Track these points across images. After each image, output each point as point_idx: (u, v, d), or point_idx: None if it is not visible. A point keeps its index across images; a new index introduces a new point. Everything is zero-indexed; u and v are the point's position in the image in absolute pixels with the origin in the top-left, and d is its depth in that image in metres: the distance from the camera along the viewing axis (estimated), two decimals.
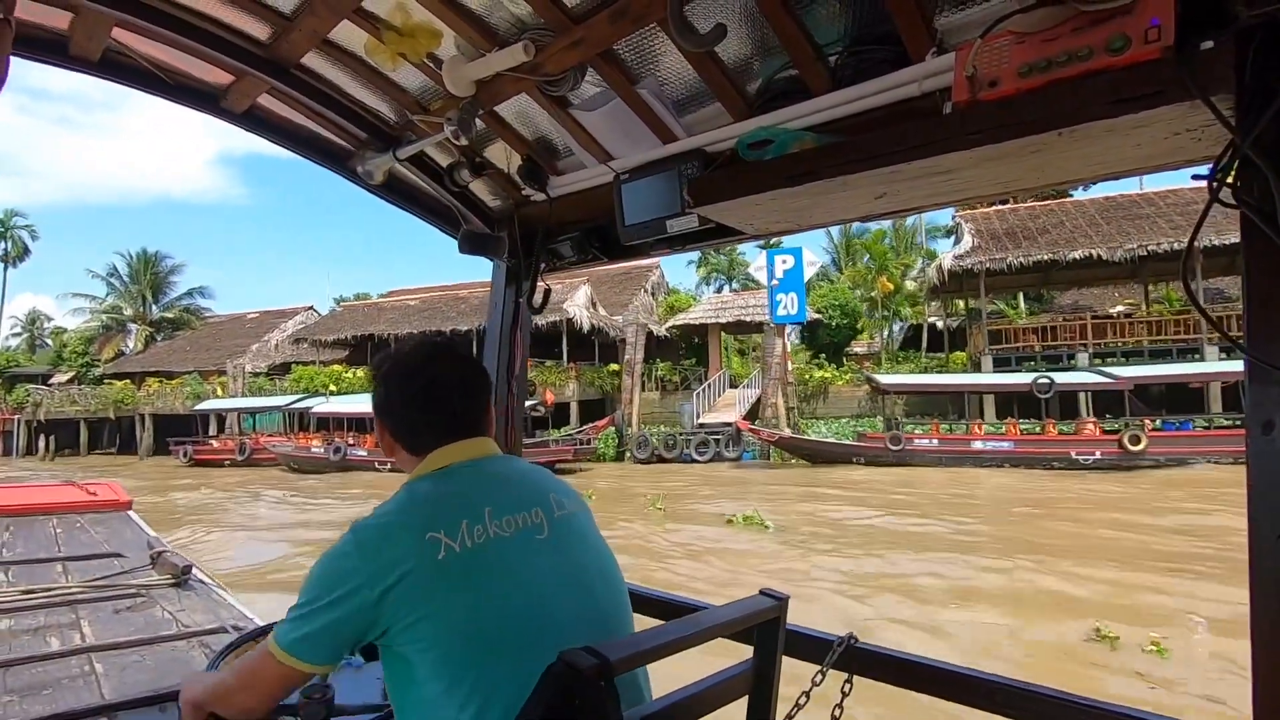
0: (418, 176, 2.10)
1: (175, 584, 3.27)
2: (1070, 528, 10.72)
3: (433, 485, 1.06)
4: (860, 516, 12.24)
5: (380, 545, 0.96)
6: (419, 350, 1.16)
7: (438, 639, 0.93)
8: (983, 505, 13.49)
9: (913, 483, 16.26)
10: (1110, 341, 21.44)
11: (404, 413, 1.13)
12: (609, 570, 1.12)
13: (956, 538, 10.27)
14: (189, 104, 2.01)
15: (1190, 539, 9.62)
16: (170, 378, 35.83)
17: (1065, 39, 1.00)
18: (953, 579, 7.99)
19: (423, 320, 31.24)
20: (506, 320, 2.19)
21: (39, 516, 4.14)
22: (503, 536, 1.01)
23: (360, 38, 1.70)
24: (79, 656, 2.45)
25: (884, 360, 27.16)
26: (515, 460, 1.18)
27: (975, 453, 19.10)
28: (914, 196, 1.34)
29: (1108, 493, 14.09)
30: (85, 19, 1.65)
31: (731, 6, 1.39)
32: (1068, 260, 21.55)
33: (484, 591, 0.96)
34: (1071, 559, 8.62)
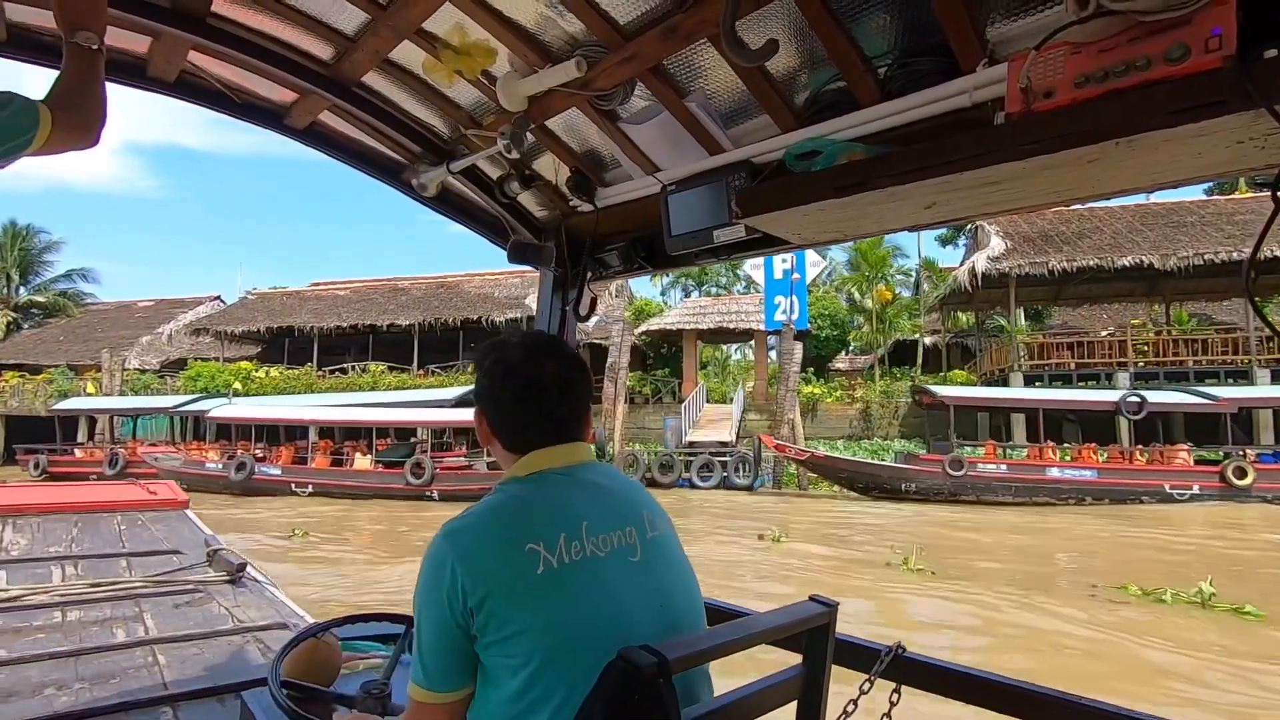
0: (468, 188, 2.16)
1: (230, 581, 3.40)
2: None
3: (529, 491, 1.06)
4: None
5: (476, 551, 0.97)
6: (526, 344, 1.15)
7: (525, 653, 0.93)
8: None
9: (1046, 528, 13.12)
10: (1152, 362, 19.84)
11: (505, 408, 1.11)
12: (691, 590, 1.12)
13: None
14: (254, 121, 2.11)
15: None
16: (36, 372, 29.28)
17: (1122, 49, 1.00)
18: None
19: (354, 312, 28.04)
20: (554, 328, 2.24)
21: (104, 514, 4.34)
22: (598, 556, 1.01)
23: (418, 56, 1.77)
24: (143, 648, 2.57)
25: (878, 376, 25.16)
26: (609, 469, 1.18)
27: (1051, 482, 16.45)
28: (964, 206, 1.34)
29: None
30: (164, 44, 1.76)
31: (780, 21, 1.42)
32: (1091, 270, 20.14)
33: (576, 611, 0.96)
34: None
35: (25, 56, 1.67)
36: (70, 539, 3.92)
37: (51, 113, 1.11)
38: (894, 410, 22.72)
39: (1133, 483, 16.12)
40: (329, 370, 27.38)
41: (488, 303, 27.01)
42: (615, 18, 1.51)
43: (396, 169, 2.25)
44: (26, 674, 2.29)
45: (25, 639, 2.60)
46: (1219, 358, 19.43)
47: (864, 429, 22.12)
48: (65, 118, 1.15)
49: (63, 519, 4.23)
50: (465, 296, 28.16)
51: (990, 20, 1.25)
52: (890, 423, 21.84)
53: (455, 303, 27.68)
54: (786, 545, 11.15)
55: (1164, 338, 20.55)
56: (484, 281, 29.57)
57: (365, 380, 26.02)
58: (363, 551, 11.17)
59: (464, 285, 29.53)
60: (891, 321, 27.78)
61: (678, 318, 26.94)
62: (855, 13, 1.34)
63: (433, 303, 28.04)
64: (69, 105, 1.18)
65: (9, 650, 2.46)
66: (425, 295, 29.02)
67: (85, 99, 1.22)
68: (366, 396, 23.61)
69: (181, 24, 1.65)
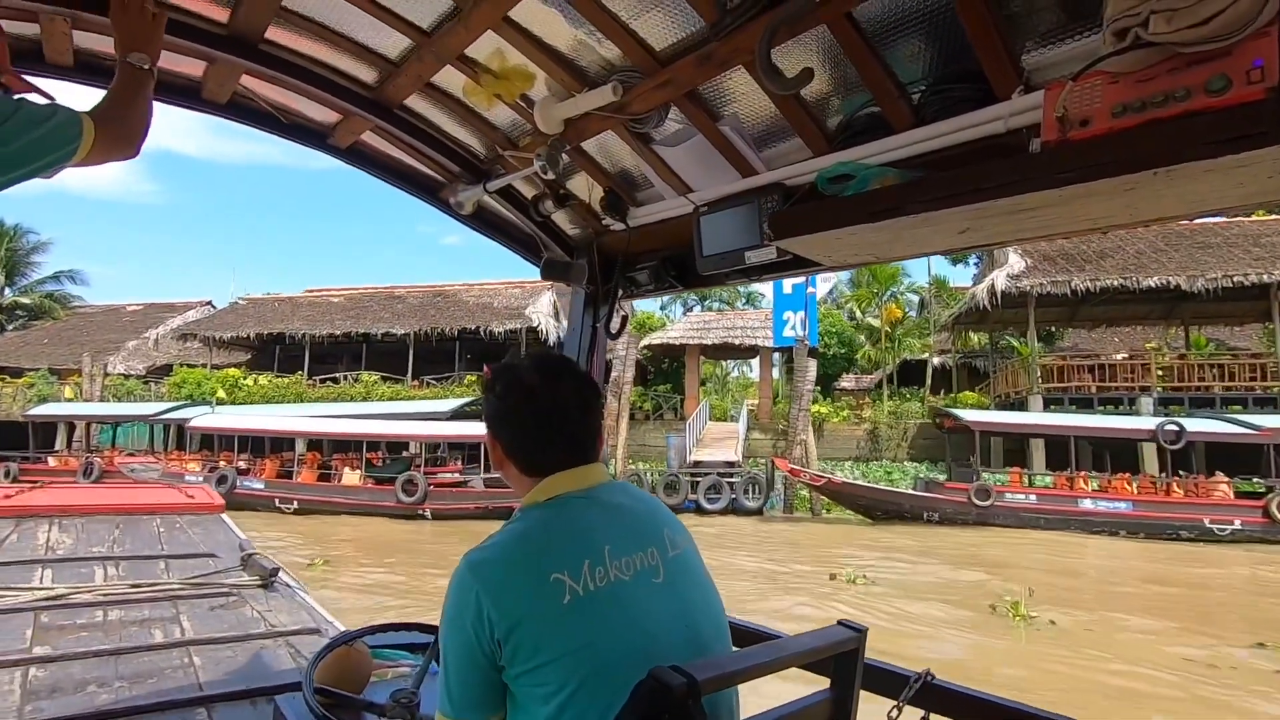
0: (504, 207, 2.21)
1: (263, 585, 3.47)
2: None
3: (550, 516, 1.06)
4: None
5: (501, 582, 0.97)
6: (540, 366, 1.14)
7: (556, 681, 0.94)
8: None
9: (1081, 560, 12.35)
10: (1174, 387, 18.82)
11: (522, 431, 1.11)
12: (714, 607, 1.12)
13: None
14: (300, 141, 2.19)
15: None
16: (18, 375, 27.96)
17: (1161, 80, 1.00)
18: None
19: (348, 320, 26.90)
20: (584, 345, 2.27)
21: (144, 516, 4.47)
22: (622, 580, 1.01)
23: (459, 80, 1.83)
24: (179, 649, 2.64)
25: (886, 397, 24.09)
26: (627, 487, 1.18)
27: (1083, 514, 15.54)
28: (998, 232, 1.34)
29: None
30: (219, 68, 1.84)
31: (814, 48, 1.44)
32: (1112, 291, 19.19)
33: (604, 638, 0.96)
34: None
35: (91, 81, 1.76)
36: (112, 540, 4.05)
37: (95, 125, 1.17)
38: (903, 432, 21.88)
39: (1170, 516, 15.17)
40: (320, 379, 26.21)
41: (486, 313, 26.13)
42: (651, 44, 1.54)
43: (435, 187, 2.31)
44: (70, 670, 2.37)
45: (69, 636, 2.68)
46: (1245, 383, 18.60)
47: (872, 450, 21.30)
48: (108, 130, 1.21)
49: (106, 520, 4.37)
50: (463, 306, 27.31)
51: (1025, 48, 1.26)
52: (899, 444, 20.93)
53: (453, 312, 26.81)
54: (864, 587, 9.77)
55: (1188, 361, 19.64)
56: (483, 291, 28.60)
57: (358, 390, 24.91)
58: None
59: (462, 294, 28.53)
60: (900, 340, 26.88)
61: (681, 332, 26.20)
62: (889, 40, 1.36)
63: (429, 311, 27.12)
64: (112, 118, 1.24)
65: (54, 647, 2.54)
66: (422, 303, 28.11)
67: (129, 113, 1.28)
68: (358, 407, 22.40)
69: (236, 50, 1.73)
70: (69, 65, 1.74)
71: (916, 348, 27.43)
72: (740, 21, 1.33)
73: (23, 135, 1.07)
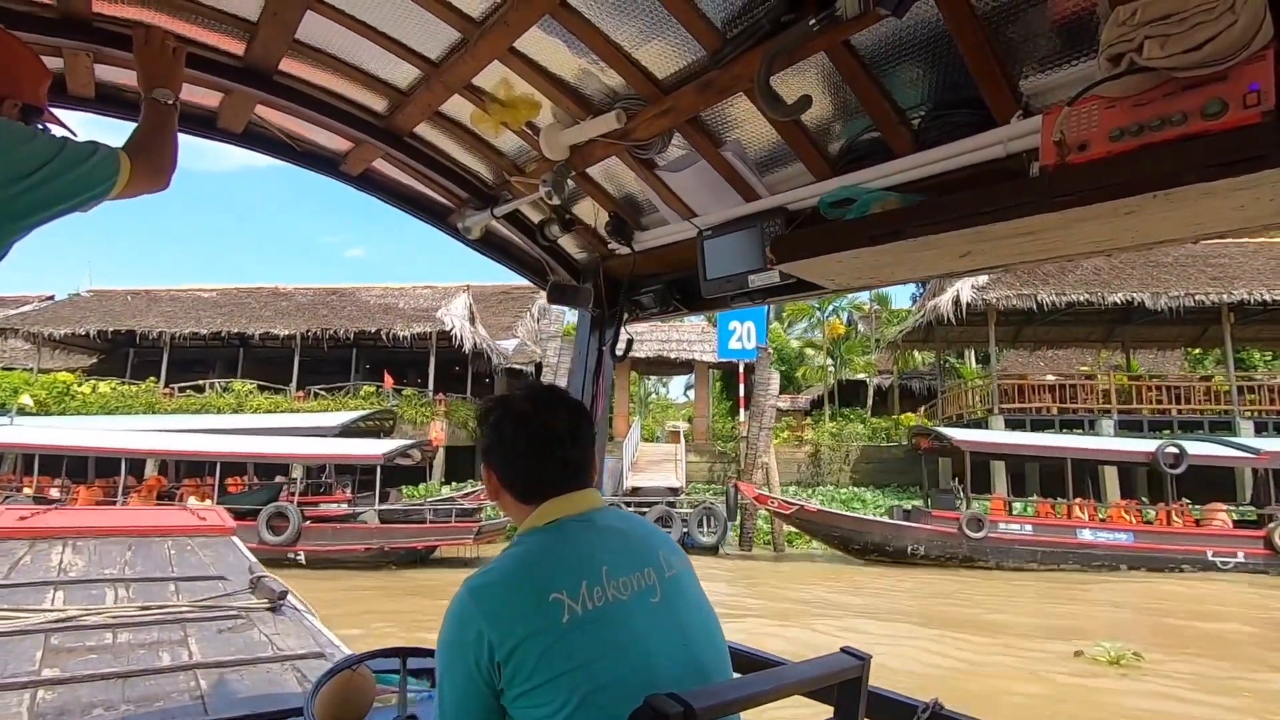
0: (511, 232, 2.24)
1: (271, 608, 3.46)
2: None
3: (548, 540, 1.08)
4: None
5: (501, 604, 0.98)
6: (533, 396, 1.18)
7: (555, 701, 0.94)
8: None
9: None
10: (1126, 409, 18.24)
11: (517, 461, 1.13)
12: (712, 629, 1.13)
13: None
14: (313, 168, 2.24)
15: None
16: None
17: (1158, 104, 1.01)
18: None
19: (221, 317, 22.82)
20: (590, 367, 2.28)
21: (155, 538, 4.50)
22: (620, 599, 1.02)
23: (467, 109, 1.86)
24: (186, 672, 2.63)
25: (829, 418, 22.99)
26: (621, 513, 1.20)
27: (1083, 546, 14.15)
28: (999, 255, 1.34)
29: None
30: (234, 99, 1.89)
31: (814, 75, 1.46)
32: (1067, 309, 18.66)
33: (603, 656, 0.97)
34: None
35: (111, 112, 1.82)
36: (124, 562, 4.07)
37: (130, 159, 1.23)
38: (845, 454, 20.70)
39: (1172, 548, 14.05)
40: (179, 388, 21.85)
41: (390, 314, 22.50)
42: (654, 73, 1.57)
43: (444, 213, 2.34)
44: (78, 693, 2.37)
45: (78, 659, 2.69)
46: (1201, 407, 18.23)
47: (814, 474, 20.03)
48: (141, 164, 1.28)
49: (117, 542, 4.39)
50: (362, 306, 23.67)
51: (1023, 74, 1.27)
52: (840, 468, 19.96)
53: (349, 312, 23.08)
54: (1132, 663, 7.51)
55: (1144, 384, 19.11)
56: (386, 291, 25.19)
57: (227, 401, 21.05)
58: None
59: (360, 294, 25.03)
60: (843, 359, 25.89)
61: None
62: (888, 67, 1.37)
63: (320, 311, 23.24)
64: (144, 153, 1.31)
65: (63, 669, 2.55)
66: (312, 302, 24.32)
67: (159, 147, 1.36)
68: (222, 421, 18.49)
69: (251, 81, 1.78)
70: (90, 97, 1.80)
71: (859, 366, 26.46)
72: (740, 50, 1.35)
73: (68, 172, 1.13)
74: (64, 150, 1.15)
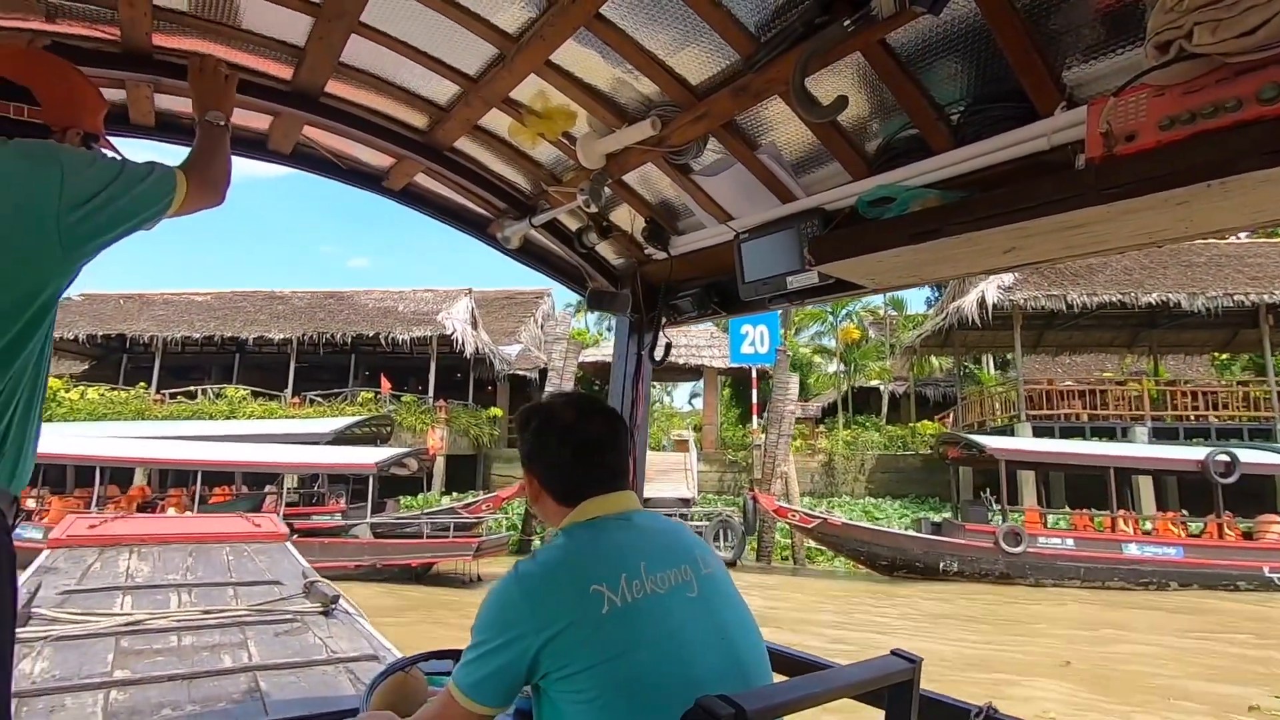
0: (549, 240, 2.28)
1: (324, 612, 3.57)
2: None
3: (589, 535, 1.12)
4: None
5: (545, 593, 1.02)
6: (571, 404, 1.23)
7: (594, 690, 0.97)
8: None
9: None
10: (1170, 415, 17.06)
11: (559, 464, 1.18)
12: (749, 627, 1.15)
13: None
14: (358, 184, 2.31)
15: None
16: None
17: (1210, 90, 0.98)
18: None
19: (215, 321, 22.13)
20: (630, 373, 2.30)
21: (214, 545, 4.68)
22: (658, 593, 1.05)
23: (505, 122, 1.91)
24: (246, 674, 2.73)
25: (843, 426, 21.90)
26: (655, 515, 1.24)
27: (1129, 562, 13.14)
28: (1045, 250, 1.31)
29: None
30: (283, 120, 1.97)
31: (849, 74, 1.45)
32: (1095, 311, 17.52)
33: (640, 647, 1.00)
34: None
35: (170, 139, 1.91)
36: (185, 568, 4.24)
37: (186, 176, 1.31)
38: (860, 463, 19.74)
39: (1226, 564, 13.01)
40: (171, 393, 21.09)
41: (389, 318, 21.96)
42: (688, 79, 1.58)
43: (483, 223, 2.39)
44: (147, 694, 2.48)
45: (146, 660, 2.81)
46: (1239, 413, 16.77)
47: (827, 484, 19.14)
48: (196, 181, 1.37)
49: (179, 549, 4.58)
50: (360, 310, 23.07)
51: (1066, 64, 1.24)
52: (855, 478, 19.09)
53: (346, 315, 22.47)
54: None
55: (1179, 389, 17.91)
56: (386, 295, 24.49)
57: (219, 408, 20.15)
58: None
59: (359, 297, 24.37)
60: (858, 364, 24.67)
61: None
62: (925, 63, 1.36)
63: (317, 315, 22.57)
64: (199, 170, 1.40)
65: (133, 670, 2.67)
66: (309, 306, 23.58)
67: (213, 166, 1.44)
68: (211, 427, 17.82)
69: (299, 104, 1.85)
70: (151, 125, 1.90)
71: (874, 372, 25.18)
72: (774, 54, 1.36)
73: (129, 192, 1.21)
74: (123, 171, 1.22)
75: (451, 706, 1.05)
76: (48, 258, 1.14)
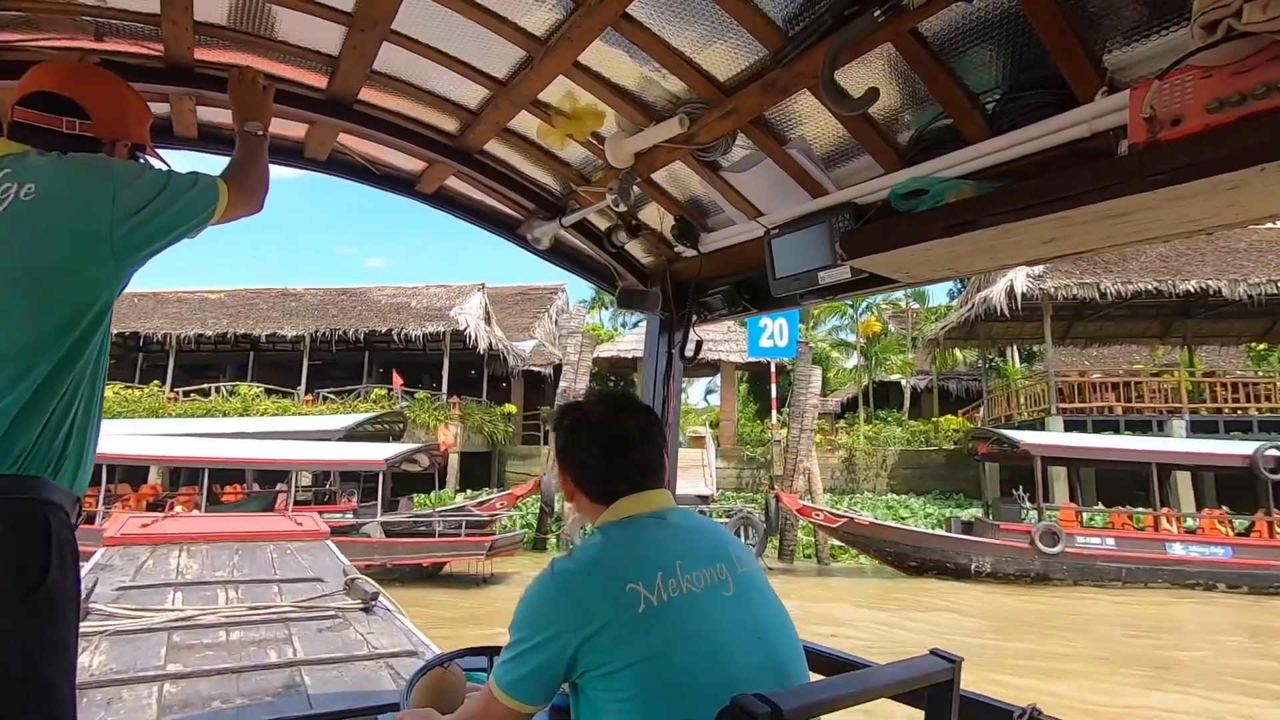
0: (579, 240, 2.29)
1: (364, 609, 3.65)
2: None
3: (625, 534, 1.12)
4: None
5: (582, 591, 1.03)
6: (605, 402, 1.24)
7: (632, 689, 0.98)
8: None
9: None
10: (1215, 408, 16.30)
11: (592, 462, 1.18)
12: (785, 626, 1.14)
13: None
14: (391, 189, 2.35)
15: None
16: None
17: (1261, 70, 0.94)
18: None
19: (228, 318, 22.25)
20: (660, 371, 2.30)
21: (259, 543, 4.82)
22: (694, 592, 1.05)
23: (534, 124, 1.92)
24: (291, 669, 2.80)
25: (864, 420, 21.40)
26: (690, 513, 1.24)
27: (1174, 562, 12.54)
28: (1086, 240, 1.28)
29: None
30: (319, 129, 2.01)
31: (880, 66, 1.43)
32: (1127, 300, 16.90)
33: (677, 646, 1.00)
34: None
35: (211, 149, 1.97)
36: (232, 565, 4.38)
37: (228, 187, 1.35)
38: (881, 459, 19.20)
39: (1278, 564, 12.25)
40: (184, 391, 21.12)
41: (402, 313, 21.84)
42: (715, 76, 1.57)
43: (513, 224, 2.42)
44: (198, 687, 2.56)
45: (196, 655, 2.91)
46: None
47: (848, 481, 18.65)
48: (238, 189, 1.42)
49: (226, 547, 4.73)
50: (373, 306, 22.96)
51: (1106, 48, 1.21)
52: (877, 474, 18.58)
53: (359, 311, 22.42)
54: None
55: (1218, 381, 17.14)
56: (398, 291, 24.27)
57: (233, 405, 20.04)
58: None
59: (371, 294, 24.17)
60: (878, 358, 23.87)
61: (632, 344, 21.29)
62: (958, 52, 1.33)
63: (330, 311, 22.57)
64: (239, 179, 1.45)
65: (184, 664, 2.76)
66: (322, 303, 23.47)
67: (252, 173, 1.50)
68: (221, 424, 17.66)
69: (334, 112, 1.90)
70: (194, 137, 1.96)
71: (895, 365, 24.43)
72: (803, 48, 1.34)
73: (176, 201, 1.26)
74: (170, 182, 1.27)
75: (492, 705, 1.06)
76: (102, 267, 1.19)
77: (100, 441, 1.27)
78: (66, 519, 1.14)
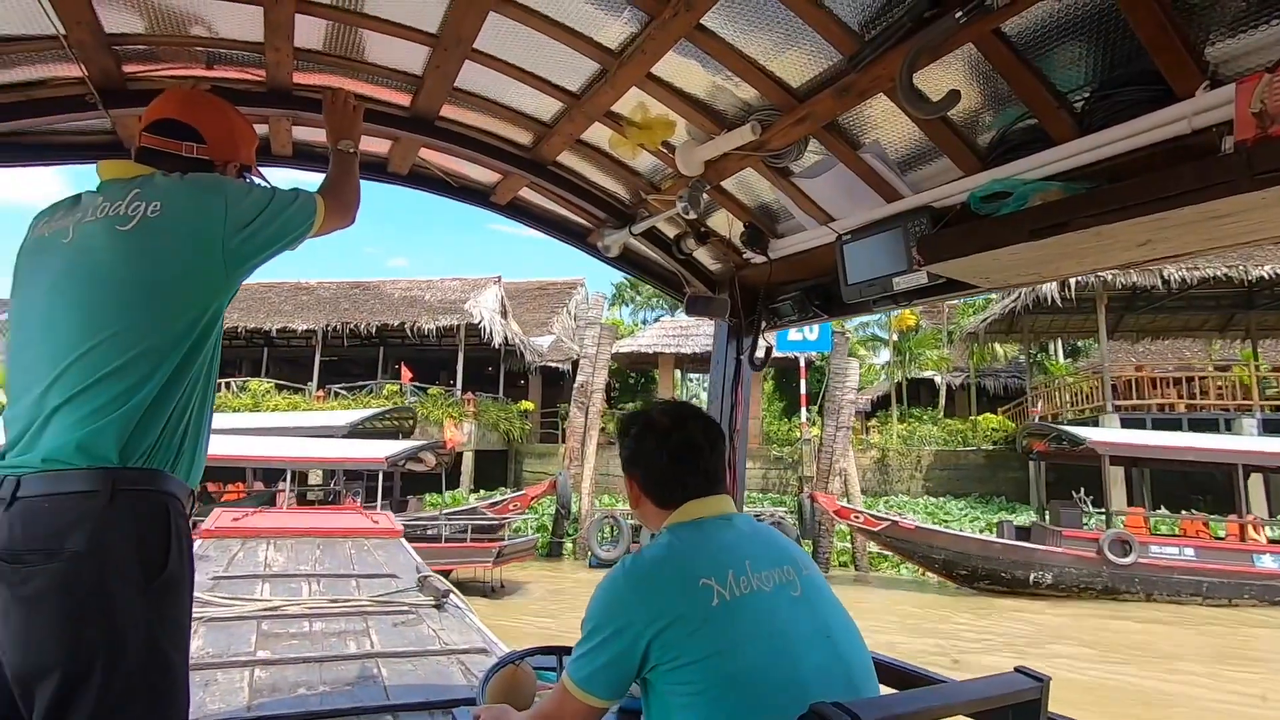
0: (648, 247, 2.32)
1: (436, 605, 3.78)
2: None
3: (694, 533, 1.15)
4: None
5: (655, 586, 1.06)
6: (671, 411, 1.27)
7: (702, 684, 0.99)
8: None
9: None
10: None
11: (657, 470, 1.22)
12: (852, 630, 1.14)
13: None
14: (467, 201, 2.44)
15: None
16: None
17: None
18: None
19: (239, 312, 21.41)
20: (729, 377, 2.30)
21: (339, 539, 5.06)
22: (763, 591, 1.07)
23: (605, 134, 1.96)
24: (369, 660, 2.93)
25: (897, 418, 20.26)
26: (750, 519, 1.25)
27: (1263, 576, 11.22)
28: (1185, 242, 1.22)
29: None
30: (402, 145, 2.11)
31: (959, 67, 1.40)
32: (1207, 283, 15.19)
33: (747, 642, 1.01)
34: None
35: (305, 167, 2.10)
36: (315, 559, 4.61)
37: (325, 201, 1.44)
38: (915, 459, 18.11)
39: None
40: None
41: (415, 307, 21.20)
42: (788, 82, 1.57)
43: (584, 233, 2.47)
44: (285, 673, 2.71)
45: (283, 643, 3.08)
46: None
47: (880, 482, 17.65)
48: (333, 203, 1.51)
49: (308, 542, 4.99)
50: (386, 299, 22.32)
51: (1208, 40, 1.14)
52: (912, 475, 17.69)
53: (372, 305, 21.85)
54: None
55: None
56: (411, 284, 23.72)
57: (243, 401, 19.49)
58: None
59: (384, 287, 23.61)
60: (912, 353, 22.32)
61: (654, 339, 21.06)
62: (1043, 50, 1.29)
63: (342, 305, 22.01)
64: (334, 194, 1.55)
65: (273, 651, 2.93)
66: (334, 296, 22.90)
67: (346, 189, 1.60)
68: (228, 420, 16.32)
69: (416, 128, 1.99)
70: (289, 155, 2.09)
71: (929, 361, 22.70)
72: (879, 52, 1.33)
73: (280, 216, 1.36)
74: (274, 198, 1.37)
75: (568, 701, 1.09)
76: (215, 277, 1.29)
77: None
78: (183, 509, 1.23)
